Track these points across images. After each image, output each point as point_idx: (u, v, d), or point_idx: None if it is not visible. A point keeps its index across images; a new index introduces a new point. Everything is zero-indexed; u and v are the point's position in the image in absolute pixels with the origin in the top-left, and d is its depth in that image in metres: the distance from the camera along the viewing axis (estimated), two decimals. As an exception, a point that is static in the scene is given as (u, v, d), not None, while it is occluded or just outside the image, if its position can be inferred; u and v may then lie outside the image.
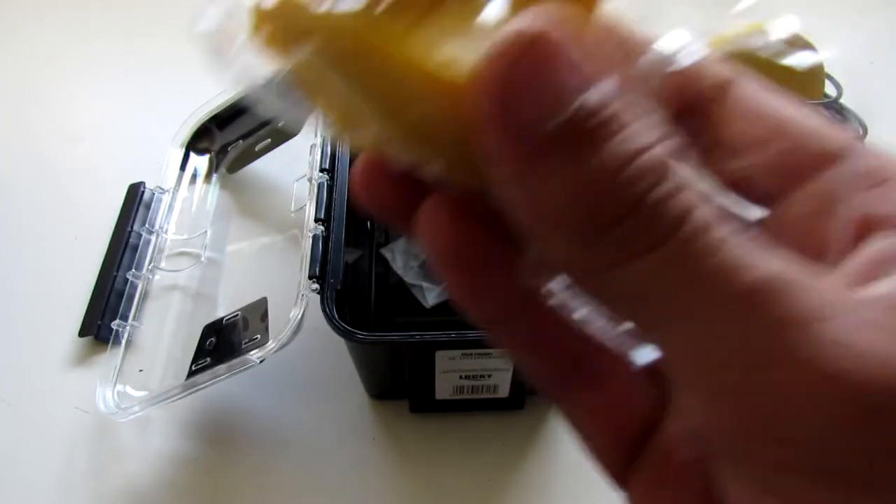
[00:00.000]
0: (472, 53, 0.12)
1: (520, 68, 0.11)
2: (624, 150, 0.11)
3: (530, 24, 0.11)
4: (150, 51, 0.71)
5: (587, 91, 0.11)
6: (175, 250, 0.52)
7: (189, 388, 0.39)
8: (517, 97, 0.11)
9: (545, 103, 0.11)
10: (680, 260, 0.11)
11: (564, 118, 0.11)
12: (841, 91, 0.50)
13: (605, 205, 0.12)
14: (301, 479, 0.41)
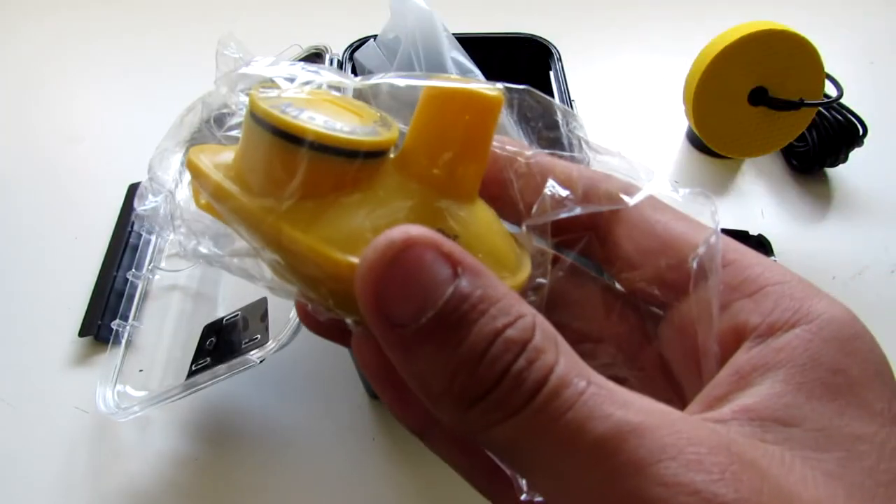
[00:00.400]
0: (356, 239, 0.15)
1: (390, 274, 0.13)
2: (486, 332, 0.13)
3: (390, 238, 0.14)
4: (150, 51, 0.71)
5: (452, 286, 0.13)
6: (175, 250, 0.52)
7: (189, 388, 0.39)
8: (390, 298, 0.14)
9: (414, 302, 0.13)
10: (538, 421, 0.13)
11: (432, 313, 0.13)
12: (841, 91, 0.50)
13: (474, 382, 0.13)
14: (301, 479, 0.41)
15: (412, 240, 0.14)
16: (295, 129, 0.15)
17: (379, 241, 0.14)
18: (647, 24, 0.74)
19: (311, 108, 0.16)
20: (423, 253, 0.14)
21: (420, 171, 0.17)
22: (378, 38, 0.50)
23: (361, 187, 0.16)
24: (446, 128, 0.17)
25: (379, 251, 0.14)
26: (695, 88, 0.49)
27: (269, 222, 0.15)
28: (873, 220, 0.55)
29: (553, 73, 0.50)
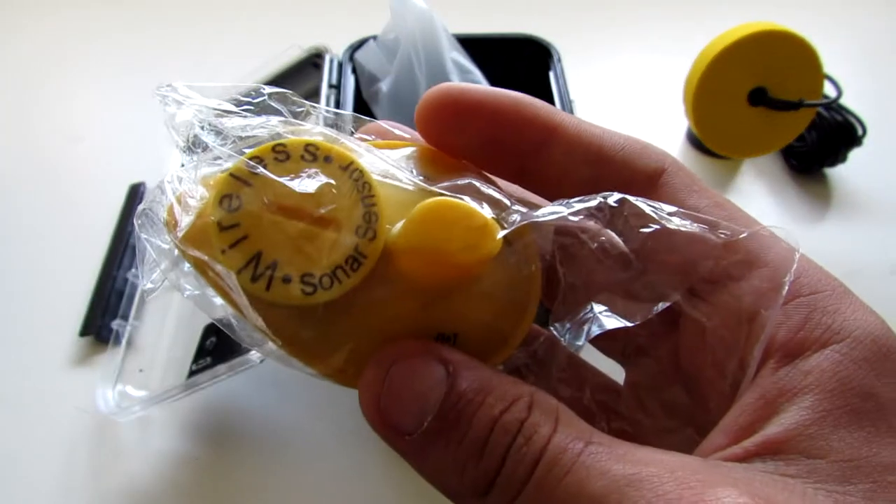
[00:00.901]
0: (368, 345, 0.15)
1: (387, 390, 0.15)
2: (485, 421, 0.14)
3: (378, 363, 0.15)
4: (150, 51, 0.71)
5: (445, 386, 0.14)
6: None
7: (189, 388, 0.39)
8: (391, 412, 0.15)
9: (414, 411, 0.15)
10: (542, 491, 0.14)
11: (432, 416, 0.14)
12: (841, 91, 0.50)
13: (481, 472, 0.14)
14: (301, 479, 0.41)
15: (402, 354, 0.15)
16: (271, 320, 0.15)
17: (367, 369, 0.15)
18: (646, 24, 0.74)
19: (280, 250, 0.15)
20: (413, 364, 0.15)
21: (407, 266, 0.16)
22: (378, 39, 0.50)
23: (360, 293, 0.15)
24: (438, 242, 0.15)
25: (372, 371, 0.15)
26: (694, 88, 0.49)
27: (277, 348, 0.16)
28: (872, 221, 0.55)
29: (553, 73, 0.50)
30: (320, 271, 0.15)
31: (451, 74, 0.47)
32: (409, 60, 0.48)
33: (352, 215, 0.15)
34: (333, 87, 0.48)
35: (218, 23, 0.75)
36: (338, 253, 0.15)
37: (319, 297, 0.15)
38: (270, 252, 0.15)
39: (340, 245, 0.15)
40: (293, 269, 0.15)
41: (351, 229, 0.15)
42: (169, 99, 0.18)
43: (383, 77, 0.49)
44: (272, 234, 0.15)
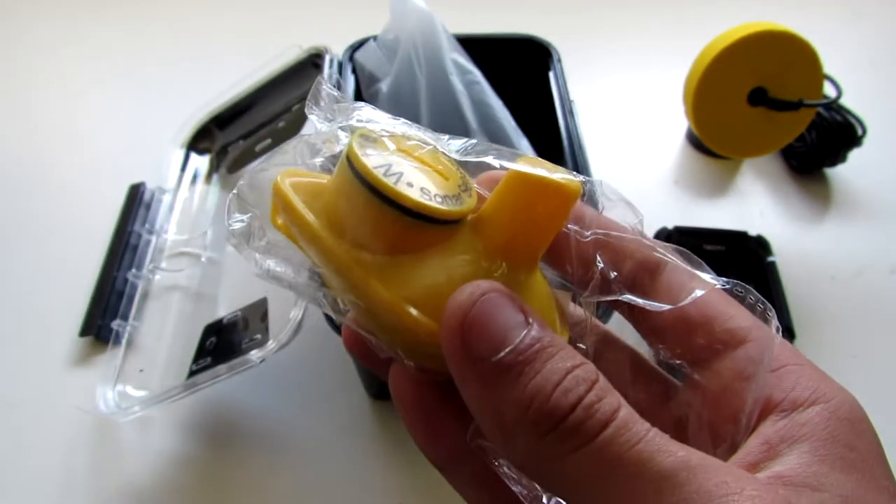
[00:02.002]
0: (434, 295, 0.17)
1: (474, 314, 0.16)
2: (558, 367, 0.15)
3: (476, 286, 0.16)
4: (150, 51, 0.71)
5: (525, 329, 0.16)
6: (175, 250, 0.52)
7: (189, 388, 0.39)
8: (472, 335, 0.16)
9: (494, 339, 0.16)
10: (609, 451, 0.15)
11: (509, 349, 0.15)
12: (841, 91, 0.50)
13: (547, 410, 0.15)
14: (301, 479, 0.41)
15: (493, 288, 0.16)
16: (395, 195, 0.17)
17: (464, 287, 0.16)
18: (646, 24, 0.74)
19: (406, 171, 0.18)
20: (500, 299, 0.16)
21: (493, 238, 0.18)
22: (378, 39, 0.50)
23: (440, 247, 0.18)
24: (525, 209, 0.18)
25: (465, 295, 0.16)
26: (694, 89, 0.49)
27: (358, 274, 0.17)
28: (873, 221, 0.55)
29: (552, 73, 0.50)
30: (435, 190, 0.17)
31: (451, 75, 0.47)
32: (409, 60, 0.48)
33: (454, 174, 0.19)
34: (333, 87, 0.48)
35: (218, 23, 0.75)
36: (447, 189, 0.18)
37: (432, 207, 0.17)
38: (397, 167, 0.17)
39: (448, 185, 0.18)
40: (415, 180, 0.17)
41: (455, 182, 0.18)
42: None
43: (383, 77, 0.49)
44: (397, 159, 0.18)
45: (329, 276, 0.18)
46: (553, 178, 0.18)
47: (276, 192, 0.19)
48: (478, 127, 0.48)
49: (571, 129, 0.46)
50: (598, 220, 0.20)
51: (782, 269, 0.48)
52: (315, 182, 0.19)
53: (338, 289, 0.18)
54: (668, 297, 0.19)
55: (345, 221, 0.18)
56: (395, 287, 0.17)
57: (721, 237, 0.49)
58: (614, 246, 0.20)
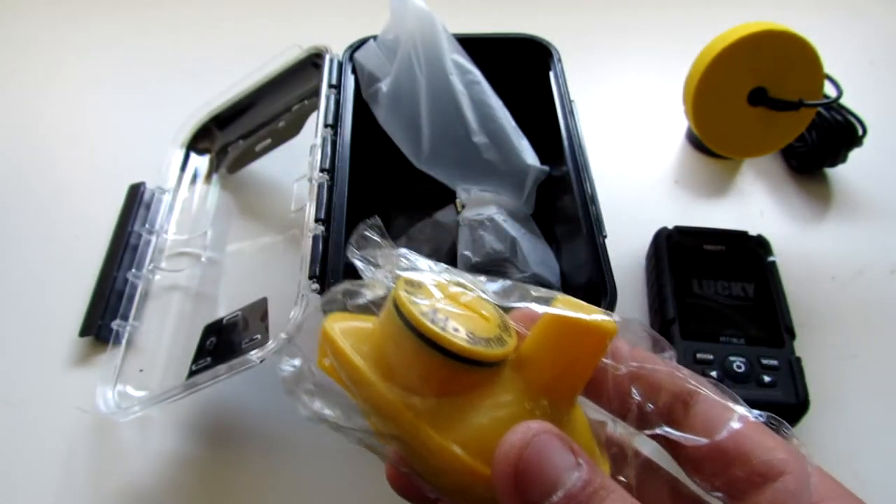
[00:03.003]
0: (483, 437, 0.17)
1: (525, 457, 0.16)
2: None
3: (527, 428, 0.16)
4: (150, 51, 0.71)
5: (576, 471, 0.16)
6: (175, 250, 0.52)
7: (189, 388, 0.38)
8: (524, 478, 0.16)
9: (546, 483, 0.16)
10: None
11: (562, 493, 0.16)
12: (840, 91, 0.50)
13: None
14: (301, 479, 0.41)
15: (544, 430, 0.17)
16: (443, 340, 0.18)
17: (516, 429, 0.17)
18: (646, 24, 0.74)
19: (451, 316, 0.18)
20: (551, 441, 0.16)
21: (535, 378, 0.19)
22: (378, 39, 0.50)
23: (485, 389, 0.18)
24: (564, 349, 0.19)
25: (517, 437, 0.16)
26: (695, 88, 0.49)
27: (409, 419, 0.18)
28: (873, 220, 0.55)
29: (553, 73, 0.50)
30: (479, 334, 0.18)
31: (451, 75, 0.47)
32: (409, 60, 0.48)
33: (493, 316, 0.20)
34: (333, 87, 0.48)
35: (218, 23, 0.75)
36: (489, 332, 0.19)
37: (478, 351, 0.18)
38: (442, 313, 0.18)
39: (490, 328, 0.19)
40: (461, 325, 0.18)
41: (496, 323, 0.19)
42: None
43: (383, 77, 0.49)
44: (443, 306, 0.19)
45: (377, 420, 0.19)
46: (590, 320, 0.18)
47: (324, 336, 0.20)
48: (478, 127, 0.48)
49: (571, 129, 0.46)
50: (631, 354, 0.20)
51: (782, 269, 0.48)
52: (361, 326, 0.20)
53: (385, 432, 0.19)
54: (703, 430, 0.19)
55: (393, 366, 0.18)
56: (444, 431, 0.18)
57: (721, 237, 0.49)
58: (649, 378, 0.20)
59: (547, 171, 0.48)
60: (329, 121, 0.46)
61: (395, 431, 0.18)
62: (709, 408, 0.20)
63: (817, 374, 0.44)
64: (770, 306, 0.45)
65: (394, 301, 0.19)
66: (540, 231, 0.49)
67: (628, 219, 0.52)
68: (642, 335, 0.20)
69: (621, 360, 0.20)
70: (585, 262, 0.39)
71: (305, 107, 0.53)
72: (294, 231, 0.52)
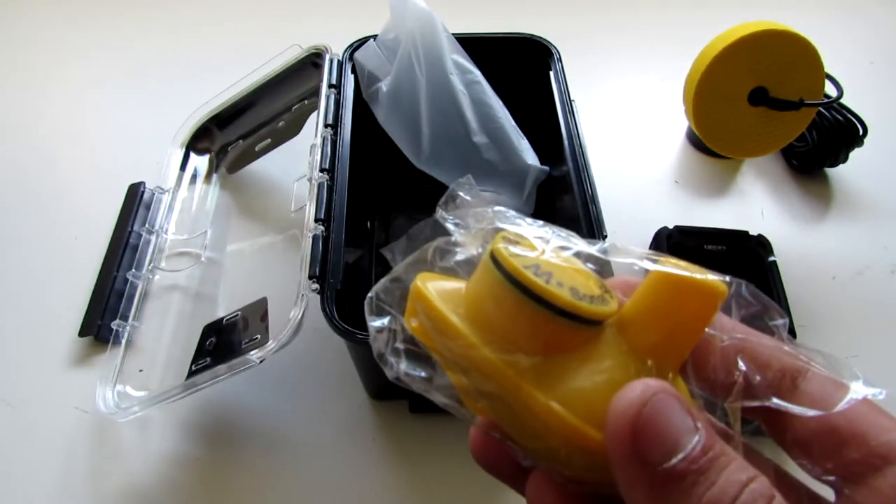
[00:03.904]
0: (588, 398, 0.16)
1: (645, 415, 0.15)
2: (734, 480, 0.15)
3: (646, 385, 0.15)
4: (150, 51, 0.71)
5: (697, 435, 0.15)
6: (175, 250, 0.52)
7: (189, 388, 0.38)
8: (643, 438, 0.15)
9: (666, 444, 0.15)
10: None
11: (682, 456, 0.15)
12: (841, 91, 0.50)
13: None
14: (301, 479, 0.41)
15: (663, 389, 0.15)
16: (549, 295, 0.17)
17: (633, 386, 0.16)
18: (647, 24, 0.74)
19: (554, 270, 0.17)
20: (671, 401, 0.15)
21: (640, 340, 0.18)
22: (378, 38, 0.50)
23: (587, 349, 0.18)
24: (672, 310, 0.18)
25: (636, 394, 0.15)
26: (695, 88, 0.49)
27: (510, 377, 0.17)
28: (873, 220, 0.55)
29: (553, 73, 0.50)
30: (583, 291, 0.17)
31: (451, 74, 0.47)
32: (409, 60, 0.47)
33: (592, 276, 0.19)
34: (333, 86, 0.48)
35: (218, 23, 0.75)
36: (591, 290, 0.18)
37: (584, 307, 0.17)
38: (544, 267, 0.17)
39: (592, 287, 0.18)
40: (564, 281, 0.17)
41: (595, 283, 0.19)
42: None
43: (383, 77, 0.49)
44: (543, 260, 0.18)
45: (476, 379, 0.18)
46: (701, 279, 0.17)
47: (416, 294, 0.19)
48: (478, 127, 0.48)
49: (572, 129, 0.46)
50: (736, 325, 0.19)
51: (783, 268, 0.48)
52: (453, 286, 0.19)
53: (483, 390, 0.18)
54: (815, 406, 0.18)
55: (492, 324, 0.17)
56: (547, 390, 0.17)
57: (722, 237, 0.49)
58: (755, 351, 0.19)
59: (547, 171, 0.48)
60: (329, 121, 0.46)
61: (495, 390, 0.17)
62: (818, 384, 0.18)
63: (818, 374, 0.43)
64: (770, 306, 0.45)
65: (492, 255, 0.18)
66: (540, 231, 0.49)
67: (628, 219, 0.52)
68: (752, 301, 0.19)
69: (725, 331, 0.19)
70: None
71: (305, 107, 0.53)
72: (294, 231, 0.52)
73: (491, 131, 0.48)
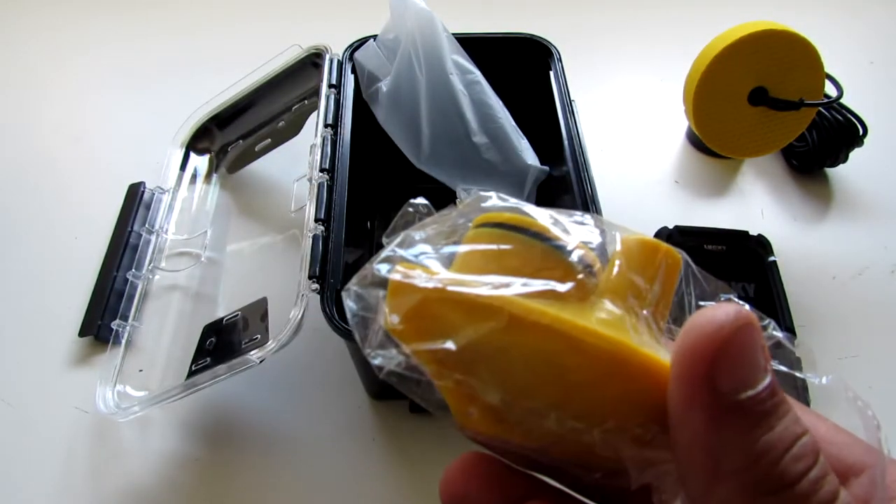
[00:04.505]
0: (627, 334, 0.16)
1: (730, 340, 0.14)
2: (792, 430, 0.15)
3: (738, 310, 0.15)
4: (150, 51, 0.71)
5: (769, 375, 0.15)
6: (175, 250, 0.52)
7: (189, 388, 0.38)
8: (723, 365, 0.14)
9: (740, 376, 0.14)
10: None
11: (752, 392, 0.14)
12: (841, 91, 0.50)
13: (775, 473, 0.14)
14: (301, 479, 0.41)
15: (752, 319, 0.15)
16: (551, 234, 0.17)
17: (724, 307, 0.15)
18: (646, 24, 0.74)
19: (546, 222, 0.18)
20: (756, 334, 0.15)
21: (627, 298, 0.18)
22: (378, 38, 0.50)
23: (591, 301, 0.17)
24: (646, 266, 0.18)
25: (729, 315, 0.15)
26: (695, 88, 0.49)
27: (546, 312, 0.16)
28: (873, 220, 0.55)
29: (553, 73, 0.50)
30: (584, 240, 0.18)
31: (451, 74, 0.47)
32: (409, 60, 0.47)
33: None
34: (333, 86, 0.48)
35: (218, 23, 0.75)
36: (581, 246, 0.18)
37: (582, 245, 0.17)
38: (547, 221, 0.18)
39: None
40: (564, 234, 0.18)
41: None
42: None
43: (383, 77, 0.49)
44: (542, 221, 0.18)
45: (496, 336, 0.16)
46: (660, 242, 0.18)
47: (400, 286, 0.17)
48: (478, 127, 0.48)
49: (572, 129, 0.46)
50: None
51: (783, 268, 0.48)
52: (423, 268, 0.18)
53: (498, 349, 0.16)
54: None
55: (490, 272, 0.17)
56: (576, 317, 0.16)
57: (722, 237, 0.49)
58: None
59: (547, 171, 0.48)
60: (329, 121, 0.46)
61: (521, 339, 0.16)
62: None
63: (818, 374, 0.43)
64: (771, 306, 0.45)
65: (483, 221, 0.18)
66: (540, 231, 0.49)
67: (628, 219, 0.52)
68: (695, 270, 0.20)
69: None
70: (585, 262, 0.39)
71: (305, 107, 0.53)
72: (294, 231, 0.52)
73: (491, 131, 0.48)
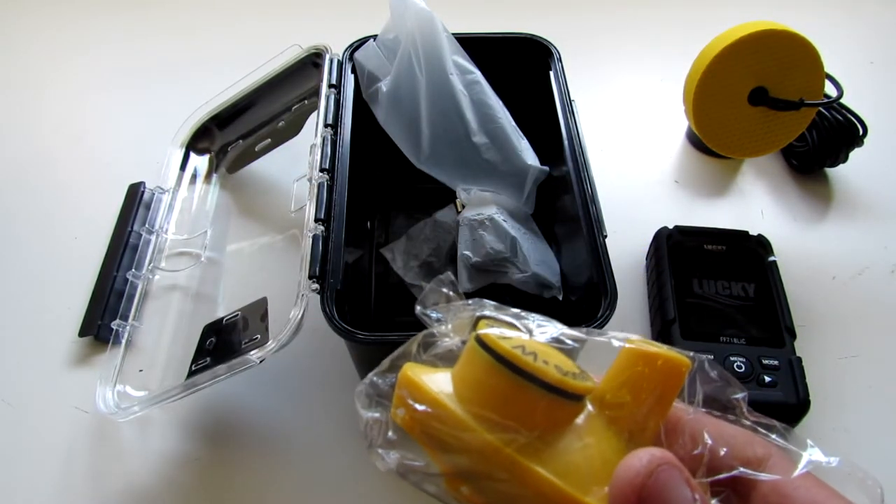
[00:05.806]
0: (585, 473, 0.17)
1: (650, 489, 0.15)
2: None
3: (651, 454, 0.16)
4: (150, 51, 0.71)
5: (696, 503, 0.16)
6: (175, 250, 0.52)
7: (189, 388, 0.38)
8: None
9: None
10: None
11: None
12: (841, 91, 0.50)
13: None
14: (301, 479, 0.41)
15: (667, 459, 0.16)
16: (539, 372, 0.18)
17: (639, 455, 0.16)
18: (647, 24, 0.74)
19: (538, 350, 0.18)
20: (674, 473, 0.16)
21: (615, 412, 0.19)
22: (378, 38, 0.50)
23: (572, 424, 0.18)
24: (641, 382, 0.19)
25: (643, 463, 0.16)
26: (695, 88, 0.49)
27: (507, 455, 0.17)
28: (873, 220, 0.55)
29: (553, 73, 0.50)
30: (566, 367, 0.18)
31: (451, 75, 0.47)
32: (409, 60, 0.47)
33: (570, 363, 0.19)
34: (333, 86, 0.48)
35: (218, 23, 0.75)
36: (571, 366, 0.19)
37: (571, 382, 0.18)
38: (529, 347, 0.18)
39: (572, 365, 0.19)
40: (549, 359, 0.18)
41: (573, 365, 0.19)
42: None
43: (383, 77, 0.49)
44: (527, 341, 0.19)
45: (469, 460, 0.18)
46: (667, 351, 0.19)
47: (404, 382, 0.19)
48: (478, 127, 0.48)
49: (572, 129, 0.46)
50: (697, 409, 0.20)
51: (783, 268, 0.48)
52: (440, 373, 0.19)
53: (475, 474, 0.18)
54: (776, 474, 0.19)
55: (483, 405, 0.18)
56: (545, 465, 0.17)
57: (722, 237, 0.49)
58: (719, 425, 0.20)
59: (547, 171, 0.48)
60: (329, 121, 0.46)
61: (488, 469, 0.18)
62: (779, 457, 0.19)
63: (818, 374, 0.44)
64: (770, 306, 0.45)
65: (480, 339, 0.19)
66: (540, 231, 0.49)
67: (628, 219, 0.52)
68: (714, 376, 0.20)
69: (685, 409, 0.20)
70: (585, 262, 0.39)
71: (305, 107, 0.53)
72: (294, 231, 0.52)
73: (491, 131, 0.48)
